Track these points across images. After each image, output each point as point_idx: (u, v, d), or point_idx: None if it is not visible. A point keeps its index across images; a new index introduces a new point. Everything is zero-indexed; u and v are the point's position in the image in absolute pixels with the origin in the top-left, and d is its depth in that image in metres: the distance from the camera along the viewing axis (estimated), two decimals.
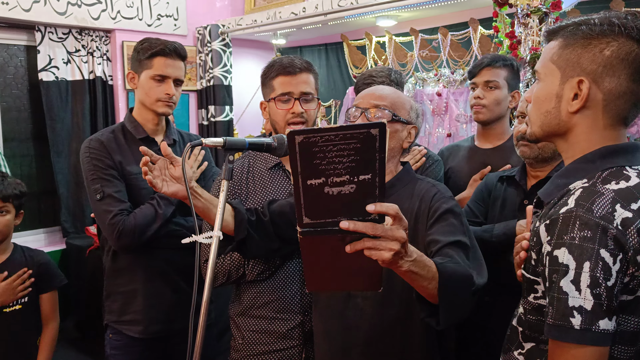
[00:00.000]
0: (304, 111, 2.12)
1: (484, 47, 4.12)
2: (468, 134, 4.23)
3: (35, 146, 4.85)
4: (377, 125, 1.16)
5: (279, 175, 2.17)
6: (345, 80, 5.46)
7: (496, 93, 2.61)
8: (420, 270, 1.36)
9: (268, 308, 2.11)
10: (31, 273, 2.70)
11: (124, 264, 2.46)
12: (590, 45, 1.27)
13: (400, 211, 1.27)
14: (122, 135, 2.46)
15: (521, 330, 1.39)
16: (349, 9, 4.40)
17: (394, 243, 1.25)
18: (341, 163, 1.22)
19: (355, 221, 1.25)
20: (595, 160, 1.29)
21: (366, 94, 1.88)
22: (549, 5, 3.06)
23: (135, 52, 2.44)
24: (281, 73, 2.12)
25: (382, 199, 1.25)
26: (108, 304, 2.54)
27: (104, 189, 2.32)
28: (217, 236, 1.64)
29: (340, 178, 1.23)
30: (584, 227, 1.15)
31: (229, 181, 1.69)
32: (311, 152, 1.21)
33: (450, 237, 1.64)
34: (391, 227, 1.27)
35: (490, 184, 2.37)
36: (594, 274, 1.12)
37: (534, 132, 1.41)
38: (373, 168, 1.22)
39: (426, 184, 1.86)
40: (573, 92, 1.29)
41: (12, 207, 2.70)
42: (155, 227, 2.34)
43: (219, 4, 5.74)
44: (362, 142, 1.20)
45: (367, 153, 1.21)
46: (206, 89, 5.48)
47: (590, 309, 1.11)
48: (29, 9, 4.36)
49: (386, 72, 2.65)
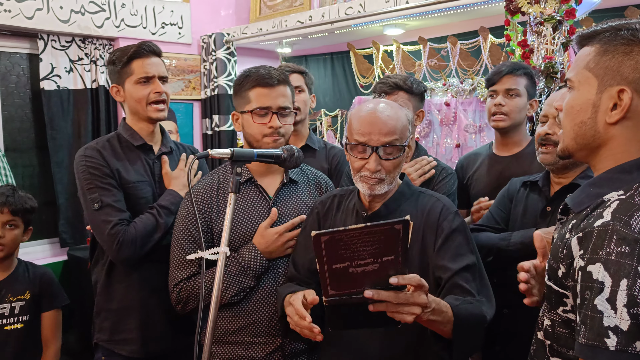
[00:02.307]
0: (281, 126, 2.04)
1: (494, 56, 4.06)
2: (477, 144, 4.17)
3: (37, 156, 4.78)
4: (401, 222, 1.28)
5: (251, 191, 2.10)
6: (351, 89, 5.41)
7: (517, 100, 2.59)
8: (438, 317, 1.48)
9: (244, 332, 2.02)
10: (32, 293, 2.62)
11: (118, 278, 2.35)
12: (632, 52, 1.19)
13: (422, 280, 1.37)
14: (118, 143, 2.37)
15: (549, 344, 1.32)
16: (356, 17, 4.35)
17: (415, 308, 1.37)
18: (365, 251, 1.32)
19: (379, 290, 1.35)
20: (633, 171, 1.21)
21: (376, 128, 1.76)
22: (563, 13, 3.00)
23: (110, 64, 2.38)
24: (258, 84, 2.04)
25: (404, 271, 1.35)
26: (98, 322, 2.42)
27: (102, 198, 2.22)
28: (224, 252, 1.57)
29: (365, 261, 1.33)
30: (621, 242, 1.08)
31: (236, 194, 1.64)
32: (337, 246, 1.31)
33: (459, 263, 1.71)
34: (412, 293, 1.37)
35: (513, 189, 2.34)
36: (632, 292, 1.04)
37: (567, 146, 1.33)
38: (396, 251, 1.33)
39: (430, 198, 1.87)
40: (612, 101, 1.21)
41: (20, 222, 2.64)
42: (157, 237, 2.26)
43: (223, 12, 5.70)
44: (386, 234, 1.30)
45: (390, 242, 1.31)
46: (210, 98, 5.42)
47: (626, 329, 1.04)
48: (32, 17, 4.30)
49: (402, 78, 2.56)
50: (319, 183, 2.24)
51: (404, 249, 1.33)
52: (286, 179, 2.12)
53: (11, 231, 2.60)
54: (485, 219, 2.37)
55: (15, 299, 2.61)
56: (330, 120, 5.47)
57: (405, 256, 1.34)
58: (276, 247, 2.01)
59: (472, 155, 2.88)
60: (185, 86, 5.36)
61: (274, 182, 2.13)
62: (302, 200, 2.14)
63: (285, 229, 2.03)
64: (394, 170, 1.79)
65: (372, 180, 1.78)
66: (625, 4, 3.31)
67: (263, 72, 2.05)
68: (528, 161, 2.55)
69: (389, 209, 1.85)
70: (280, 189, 2.11)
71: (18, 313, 2.60)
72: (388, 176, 1.78)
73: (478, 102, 4.21)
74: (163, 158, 2.42)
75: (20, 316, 2.60)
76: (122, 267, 2.32)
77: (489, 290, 1.76)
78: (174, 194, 2.34)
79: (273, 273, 2.05)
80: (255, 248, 2.00)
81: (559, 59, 3.00)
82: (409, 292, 1.37)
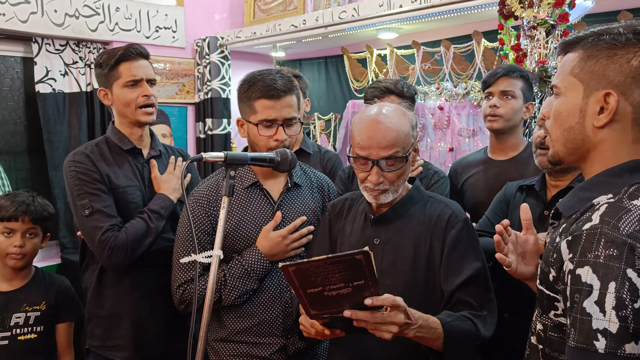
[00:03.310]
0: (287, 137, 2.03)
1: (487, 60, 4.07)
2: (471, 148, 4.18)
3: (31, 159, 4.76)
4: (361, 252, 1.33)
5: (256, 195, 2.09)
6: (345, 93, 5.40)
7: (512, 103, 2.59)
8: (426, 333, 1.55)
9: (249, 333, 2.03)
10: (48, 304, 2.60)
11: (109, 284, 2.34)
12: (616, 56, 1.21)
13: (396, 300, 1.45)
14: (107, 147, 2.35)
15: (541, 348, 1.33)
16: (350, 21, 4.35)
17: (392, 327, 1.45)
18: (334, 277, 1.39)
19: (357, 310, 1.44)
20: (623, 174, 1.22)
21: (372, 141, 1.76)
22: (556, 17, 3.01)
23: (97, 67, 2.35)
24: (264, 96, 2.00)
25: (377, 292, 1.43)
26: (90, 328, 2.41)
27: (92, 204, 2.21)
28: (217, 255, 1.58)
29: (336, 285, 1.41)
30: (609, 245, 1.08)
31: (229, 197, 1.64)
32: (305, 274, 1.39)
33: (463, 274, 1.73)
34: (389, 313, 1.45)
35: (509, 194, 2.33)
36: (620, 295, 1.05)
37: (557, 152, 1.34)
38: (365, 277, 1.39)
39: (439, 204, 1.87)
40: (599, 105, 1.23)
41: (40, 230, 2.61)
42: (148, 242, 2.25)
43: (217, 16, 5.70)
44: (349, 264, 1.36)
45: (355, 270, 1.37)
46: (204, 101, 5.41)
47: (615, 332, 1.04)
48: (26, 20, 4.30)
49: (393, 82, 2.60)
50: (321, 186, 2.24)
51: (371, 275, 1.38)
52: (290, 183, 2.12)
53: (31, 240, 2.56)
54: (482, 224, 2.37)
55: (30, 309, 2.57)
56: (323, 124, 5.46)
57: (374, 280, 1.40)
58: (279, 249, 2.02)
59: (466, 161, 2.87)
60: (179, 90, 5.35)
61: (278, 185, 2.13)
62: (305, 204, 2.14)
63: (288, 231, 2.03)
64: (397, 180, 1.79)
65: (376, 192, 1.79)
66: (619, 9, 3.33)
67: (268, 81, 2.00)
68: (524, 165, 2.54)
69: (396, 212, 1.86)
70: (284, 193, 2.11)
71: (32, 323, 2.56)
72: (392, 186, 1.79)
73: (472, 106, 4.22)
74: (152, 162, 2.41)
75: (34, 327, 2.56)
76: (113, 272, 2.31)
77: (492, 304, 1.78)
78: (164, 197, 2.33)
79: (276, 276, 2.05)
80: (258, 251, 2.01)
81: (552, 63, 3.01)
82: (386, 312, 1.45)
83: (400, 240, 1.83)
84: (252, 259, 2.00)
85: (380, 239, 1.85)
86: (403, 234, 1.83)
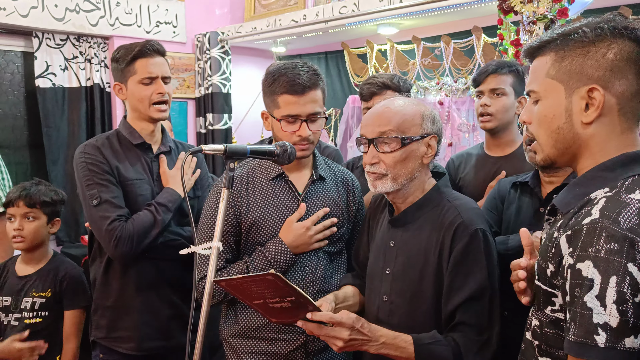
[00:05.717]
0: (311, 133, 1.99)
1: (487, 55, 4.07)
2: (470, 143, 4.18)
3: (31, 154, 4.78)
4: (269, 274, 1.41)
5: (281, 187, 2.05)
6: (345, 88, 5.41)
7: (503, 100, 2.55)
8: (393, 351, 1.60)
9: (268, 329, 1.98)
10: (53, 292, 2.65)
11: (116, 276, 2.34)
12: (590, 53, 1.23)
13: (335, 317, 1.54)
14: (117, 141, 2.37)
15: (537, 344, 1.33)
16: (350, 16, 4.36)
17: (337, 341, 1.55)
18: (266, 292, 1.47)
19: (307, 322, 1.55)
20: (616, 168, 1.23)
21: (371, 119, 1.76)
22: (555, 12, 3.01)
23: (114, 62, 2.35)
24: (287, 91, 1.95)
25: (316, 308, 1.54)
26: (96, 319, 2.42)
27: (100, 194, 2.22)
28: (217, 247, 1.58)
29: (274, 299, 1.49)
30: (610, 239, 1.09)
31: (229, 190, 1.64)
32: (239, 289, 1.48)
33: (465, 291, 1.66)
34: (334, 328, 1.55)
35: (504, 191, 2.29)
36: (621, 289, 1.05)
37: (548, 155, 1.34)
38: (292, 294, 1.47)
39: (453, 212, 1.74)
40: (584, 102, 1.24)
41: (41, 214, 2.65)
42: (154, 234, 2.25)
43: (218, 11, 5.70)
44: (268, 282, 1.43)
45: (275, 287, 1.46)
46: (204, 96, 5.43)
47: (616, 326, 1.05)
48: (27, 15, 4.31)
49: (389, 77, 2.61)
50: (346, 181, 2.20)
51: (296, 292, 1.47)
52: (315, 176, 2.09)
53: (31, 223, 2.61)
54: None
55: (37, 295, 2.63)
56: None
57: (303, 296, 1.49)
58: (303, 241, 1.97)
59: (463, 155, 2.84)
60: (180, 85, 5.36)
61: (303, 178, 2.09)
62: (330, 197, 2.10)
63: (312, 222, 1.98)
64: (396, 166, 1.73)
65: (372, 176, 1.77)
66: (618, 4, 3.33)
67: (292, 76, 1.95)
68: (521, 161, 2.48)
69: (408, 216, 1.81)
70: (309, 185, 2.08)
71: (38, 308, 2.62)
72: (390, 172, 1.74)
73: (471, 101, 4.22)
74: (161, 157, 2.42)
75: (39, 311, 2.62)
76: (119, 263, 2.32)
77: (492, 329, 1.68)
78: (171, 192, 2.34)
79: (299, 268, 2.01)
80: (281, 242, 1.97)
81: None
82: (331, 327, 1.55)
83: (412, 246, 1.78)
84: (275, 250, 1.97)
85: (395, 242, 1.82)
86: (416, 240, 1.78)
